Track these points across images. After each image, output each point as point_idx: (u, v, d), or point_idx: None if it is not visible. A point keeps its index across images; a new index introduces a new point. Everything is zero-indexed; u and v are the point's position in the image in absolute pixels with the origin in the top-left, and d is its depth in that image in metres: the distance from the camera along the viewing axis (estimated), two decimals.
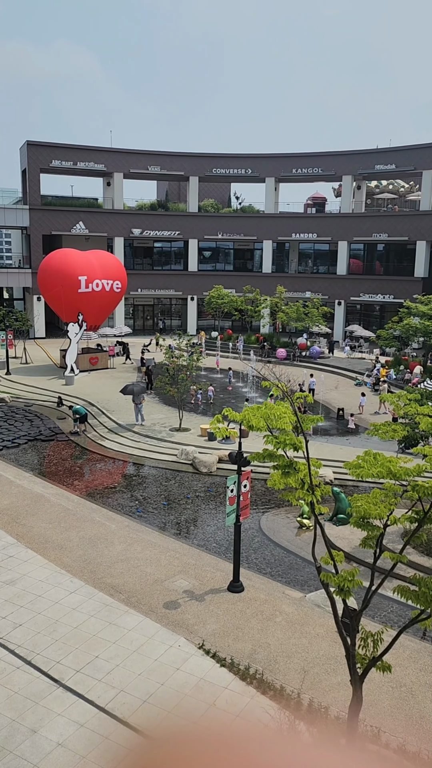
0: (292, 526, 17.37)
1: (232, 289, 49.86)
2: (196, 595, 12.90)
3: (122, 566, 14.06)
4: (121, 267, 39.98)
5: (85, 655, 10.95)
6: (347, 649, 8.02)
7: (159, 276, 52.98)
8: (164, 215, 53.04)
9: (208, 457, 21.95)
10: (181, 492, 19.81)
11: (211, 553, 15.44)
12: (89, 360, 37.48)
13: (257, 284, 49.22)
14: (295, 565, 15.13)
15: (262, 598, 12.96)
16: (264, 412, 8.72)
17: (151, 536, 16.00)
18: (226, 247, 56.02)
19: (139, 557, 14.52)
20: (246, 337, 46.47)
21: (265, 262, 52.92)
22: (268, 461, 8.72)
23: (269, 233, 52.02)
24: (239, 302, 46.68)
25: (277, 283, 47.92)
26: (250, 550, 15.74)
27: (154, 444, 23.97)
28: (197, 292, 52.54)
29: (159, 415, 27.85)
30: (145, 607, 12.42)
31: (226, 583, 13.39)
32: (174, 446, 23.52)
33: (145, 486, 20.45)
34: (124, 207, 53.74)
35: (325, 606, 12.67)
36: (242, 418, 8.82)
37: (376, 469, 7.77)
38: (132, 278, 49.28)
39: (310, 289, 50.13)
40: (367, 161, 49.85)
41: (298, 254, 54.90)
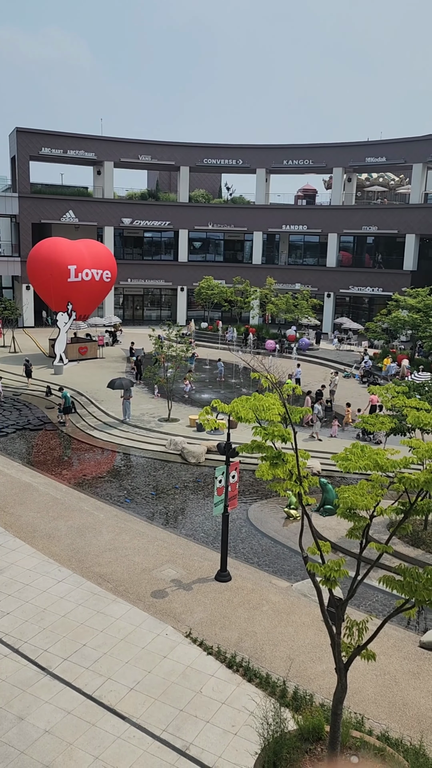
0: (279, 516, 17.45)
1: (222, 280, 49.69)
2: (183, 585, 12.94)
3: (110, 555, 14.06)
4: (111, 256, 39.66)
5: (73, 643, 10.97)
6: (332, 638, 8.09)
7: (149, 266, 52.67)
8: (154, 205, 52.64)
9: (197, 448, 21.95)
10: (170, 482, 19.82)
11: (199, 542, 15.49)
12: (78, 349, 37.27)
13: (247, 275, 49.10)
14: (282, 555, 15.21)
15: (249, 588, 13.03)
16: (252, 404, 8.71)
17: (140, 526, 16.01)
18: (216, 237, 55.78)
19: (127, 546, 14.53)
20: (236, 328, 46.43)
21: (255, 253, 52.77)
22: (256, 452, 8.72)
23: (260, 224, 51.86)
24: (229, 293, 46.55)
25: (267, 274, 47.83)
26: (237, 540, 15.80)
27: (143, 434, 23.91)
28: (187, 282, 52.32)
29: (148, 405, 27.78)
30: (133, 596, 12.45)
31: (214, 573, 13.45)
32: (163, 436, 23.49)
33: (133, 476, 20.43)
34: (114, 196, 53.24)
35: (312, 595, 12.77)
36: (231, 410, 8.81)
37: (363, 462, 7.80)
38: (122, 268, 48.96)
39: (300, 281, 50.11)
40: (357, 154, 49.76)
41: (288, 246, 54.80)
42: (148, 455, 22.26)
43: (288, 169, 52.56)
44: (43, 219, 48.81)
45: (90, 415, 26.34)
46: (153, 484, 19.70)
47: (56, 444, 23.31)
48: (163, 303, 56.44)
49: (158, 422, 25.04)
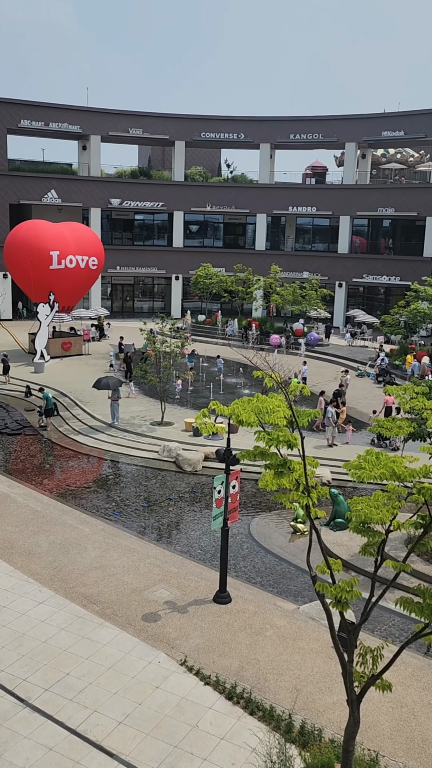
0: (285, 531, 17.48)
1: (222, 268, 49.73)
2: (178, 607, 12.96)
3: (97, 574, 14.08)
4: (97, 241, 39.68)
5: (55, 672, 10.98)
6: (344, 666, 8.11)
7: (140, 252, 52.71)
8: (146, 184, 52.67)
9: (193, 455, 21.98)
10: (163, 493, 19.85)
11: (196, 560, 15.52)
12: (61, 345, 37.29)
13: (249, 263, 49.15)
14: (287, 573, 15.24)
15: (251, 610, 13.06)
16: (255, 406, 8.74)
17: (129, 541, 16.03)
18: (215, 220, 55.80)
19: (115, 564, 14.55)
20: (237, 321, 46.47)
21: (258, 238, 52.82)
22: (259, 460, 8.74)
23: (263, 206, 51.91)
24: (229, 282, 46.56)
25: (272, 261, 47.87)
26: (238, 558, 15.83)
27: (133, 439, 23.95)
28: (182, 270, 52.36)
29: (138, 407, 27.79)
30: (122, 620, 12.47)
31: (212, 594, 13.47)
32: (155, 442, 23.52)
33: (122, 486, 20.46)
34: (101, 174, 53.24)
35: (321, 619, 12.80)
36: (231, 412, 8.83)
37: (378, 470, 7.82)
38: (110, 254, 48.87)
39: (308, 269, 50.16)
40: (372, 127, 49.81)
41: (295, 230, 54.85)
42: (138, 463, 22.28)
43: (295, 144, 52.59)
44: (22, 199, 48.83)
45: (74, 418, 26.35)
46: (144, 494, 19.72)
47: (37, 450, 23.32)
48: (156, 293, 56.43)
49: (150, 426, 25.09)
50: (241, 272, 47.07)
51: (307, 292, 42.71)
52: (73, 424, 25.72)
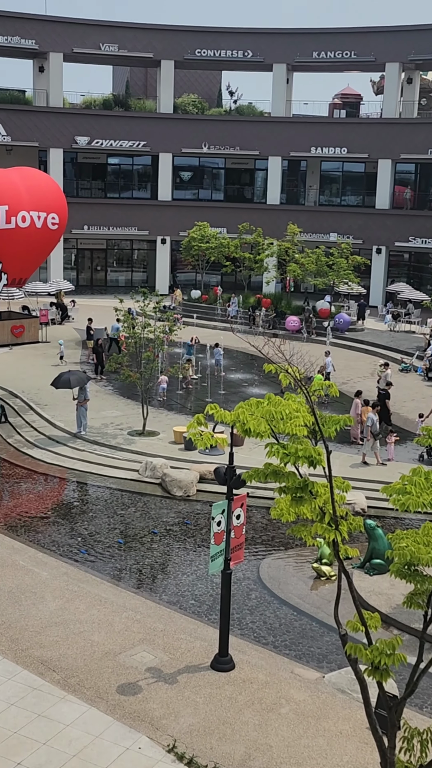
0: (305, 575, 17.49)
1: (222, 228, 49.79)
2: (165, 675, 12.95)
3: (58, 632, 14.07)
4: (58, 193, 39.68)
5: (3, 761, 10.96)
6: (383, 754, 8.11)
7: (115, 207, 52.74)
8: (124, 117, 52.68)
9: (185, 475, 22.00)
10: (145, 525, 19.86)
11: (188, 614, 15.50)
12: (11, 329, 37.29)
13: (259, 221, 49.17)
14: (309, 631, 15.24)
15: (260, 680, 13.05)
16: (267, 410, 8.73)
17: (101, 589, 16.02)
18: (213, 165, 55.84)
19: (82, 619, 14.54)
20: (242, 299, 46.52)
21: (270, 189, 52.85)
22: (271, 481, 8.73)
23: (278, 146, 51.95)
24: (232, 247, 46.59)
25: (289, 220, 47.86)
26: (244, 610, 15.83)
27: (106, 454, 23.96)
28: (171, 231, 52.38)
29: (113, 411, 27.78)
30: (91, 692, 12.46)
31: (209, 658, 13.46)
32: (135, 458, 23.53)
33: (91, 515, 20.46)
34: (64, 104, 53.23)
35: (352, 691, 12.79)
36: (234, 419, 8.81)
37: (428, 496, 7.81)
38: (75, 210, 48.85)
39: (337, 230, 50.22)
40: (421, 42, 49.78)
41: (319, 178, 54.90)
42: (113, 485, 22.29)
43: (319, 64, 52.58)
44: None
45: (28, 426, 26.37)
46: (120, 527, 19.71)
47: None
48: (136, 262, 56.46)
49: (128, 436, 25.09)
50: (248, 234, 47.08)
51: (335, 260, 42.76)
52: (26, 434, 25.72)
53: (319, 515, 8.43)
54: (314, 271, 42.97)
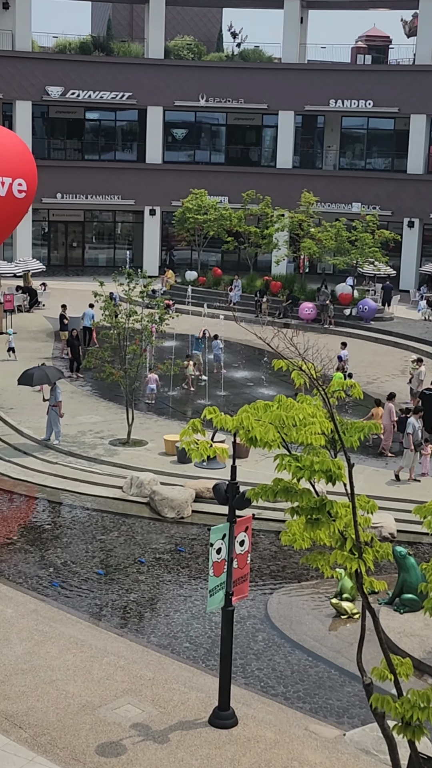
0: (322, 613, 17.46)
1: (224, 197, 49.78)
2: (154, 733, 12.93)
3: (25, 681, 14.04)
4: (26, 155, 39.49)
5: None
6: None
7: (94, 172, 52.65)
8: (104, 63, 52.60)
9: (178, 492, 21.98)
10: (130, 552, 19.85)
11: (181, 659, 15.44)
12: None
13: (267, 188, 49.11)
14: (326, 680, 15.20)
15: (269, 738, 13.03)
16: (276, 415, 8.73)
17: (77, 629, 15.99)
18: (212, 122, 55.80)
19: (54, 666, 14.51)
20: (247, 281, 46.47)
21: (281, 150, 52.80)
22: (282, 500, 8.72)
23: (290, 99, 51.93)
24: (235, 220, 46.50)
25: (303, 187, 47.87)
26: (249, 655, 15.79)
27: (84, 467, 23.97)
28: (161, 201, 52.35)
29: (92, 416, 27.77)
30: (65, 753, 12.44)
31: (207, 712, 13.44)
32: (118, 472, 23.52)
33: (66, 540, 20.43)
34: (33, 48, 53.13)
35: (379, 752, 12.77)
36: (237, 425, 8.80)
37: None
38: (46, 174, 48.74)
39: (361, 199, 50.21)
40: None
41: (339, 137, 54.87)
42: (91, 504, 22.27)
43: (339, 0, 52.51)
44: None
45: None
46: (100, 555, 19.69)
47: None
48: (120, 237, 56.43)
49: (110, 446, 25.07)
50: (254, 204, 47.03)
51: (358, 235, 42.71)
52: None
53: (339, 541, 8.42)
54: (333, 249, 42.92)
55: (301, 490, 8.64)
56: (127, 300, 26.96)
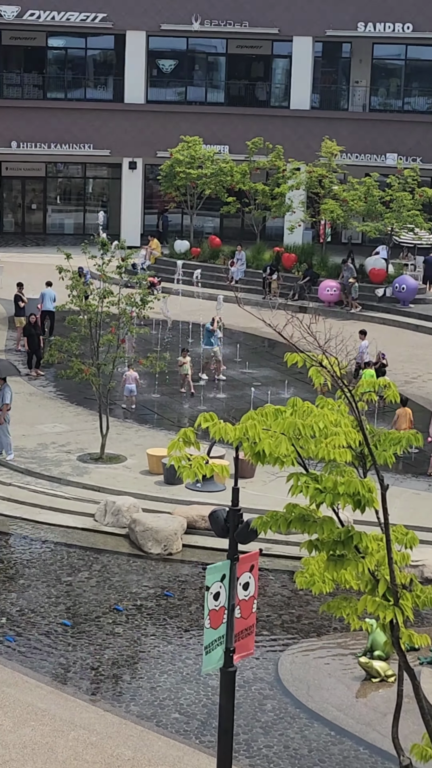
0: (348, 674, 17.43)
1: (223, 146, 49.75)
2: None
3: None
4: None
5: None
6: None
7: (60, 114, 52.51)
8: None
9: (165, 522, 21.96)
10: (104, 597, 19.83)
11: (170, 733, 15.43)
12: None
13: (279, 136, 49.07)
14: (353, 760, 15.19)
15: None
16: (290, 423, 8.72)
17: (36, 695, 15.97)
18: (209, 50, 55.74)
19: (8, 742, 14.50)
20: (252, 252, 46.35)
21: (296, 86, 52.73)
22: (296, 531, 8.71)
23: (307, 21, 51.86)
24: (237, 176, 46.39)
25: (324, 134, 47.82)
26: (256, 728, 15.79)
27: (45, 489, 23.98)
28: (144, 151, 52.26)
29: (56, 425, 27.78)
30: None
31: None
32: (89, 495, 23.57)
33: (22, 584, 20.40)
34: None
35: None
36: (240, 436, 8.79)
37: None
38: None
39: (397, 149, 50.14)
40: None
41: (370, 70, 54.78)
42: (55, 537, 22.28)
43: None
44: None
45: None
46: (66, 601, 19.67)
47: None
48: (91, 197, 56.38)
49: (79, 463, 25.09)
50: (262, 155, 46.94)
51: (394, 194, 42.63)
52: None
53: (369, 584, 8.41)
54: (362, 212, 42.87)
55: (322, 519, 8.62)
56: (101, 277, 26.92)
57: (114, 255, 27.43)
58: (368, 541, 8.48)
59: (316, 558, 8.71)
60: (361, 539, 8.49)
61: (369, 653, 17.41)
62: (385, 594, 8.32)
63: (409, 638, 8.61)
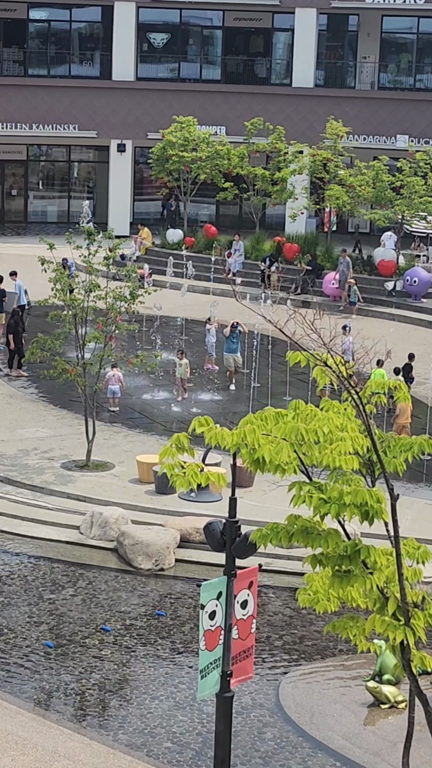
0: (354, 700, 17.44)
1: (219, 127, 49.76)
2: None
3: None
4: None
5: None
6: None
7: (42, 92, 52.55)
8: None
9: (156, 535, 21.96)
10: (89, 616, 19.83)
11: (161, 763, 15.42)
12: None
13: (280, 116, 49.09)
14: None
15: None
16: (292, 427, 8.72)
17: (16, 723, 15.96)
18: (204, 23, 55.77)
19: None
20: (251, 242, 46.31)
21: (298, 62, 52.70)
22: (298, 545, 8.72)
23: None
24: (235, 159, 46.36)
25: (329, 114, 47.86)
26: (254, 758, 15.78)
27: (26, 499, 24.02)
28: (134, 132, 52.27)
29: (38, 429, 27.83)
30: None
31: None
32: (74, 506, 23.60)
33: (1, 602, 20.33)
34: None
35: None
36: (237, 442, 8.79)
37: None
38: None
39: (409, 131, 50.16)
40: None
41: (379, 44, 54.80)
42: (35, 551, 22.28)
43: None
44: None
45: None
46: (49, 621, 19.66)
47: None
48: (76, 182, 56.36)
49: (63, 471, 25.13)
50: (261, 137, 46.93)
51: (405, 179, 42.64)
52: None
53: (378, 602, 8.42)
54: (371, 199, 42.87)
55: (326, 532, 8.63)
56: (87, 269, 26.92)
57: (101, 245, 27.45)
58: (377, 556, 8.48)
59: (321, 574, 8.71)
60: (369, 553, 8.49)
61: (378, 677, 17.42)
62: (395, 613, 8.32)
63: (421, 661, 8.62)
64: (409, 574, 8.54)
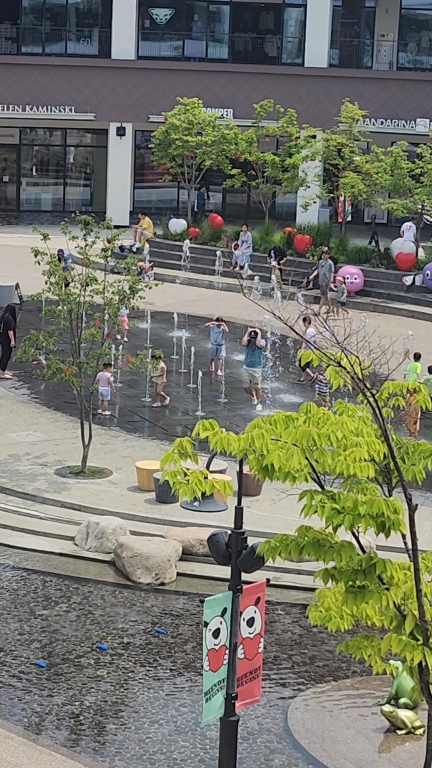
0: (368, 725, 17.43)
1: (226, 110, 49.78)
2: None
3: None
4: None
5: None
6: None
7: (36, 71, 52.59)
8: None
9: (156, 547, 21.98)
10: (85, 634, 19.84)
11: None
12: None
13: (291, 98, 49.14)
14: None
15: None
16: (303, 432, 8.72)
17: (6, 748, 15.89)
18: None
19: None
20: (260, 233, 46.30)
21: (311, 40, 52.73)
22: (309, 558, 8.72)
23: None
24: (243, 144, 46.36)
25: (344, 96, 47.89)
26: None
27: (17, 506, 24.06)
28: (134, 114, 52.30)
29: (30, 433, 27.88)
30: None
31: None
32: (69, 515, 23.63)
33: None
34: None
35: None
36: (244, 447, 8.80)
37: None
38: None
39: (429, 115, 50.17)
40: None
41: (398, 21, 54.82)
42: (28, 563, 22.30)
43: None
44: None
45: None
46: (41, 638, 19.66)
47: None
48: (73, 168, 56.39)
49: (57, 478, 25.16)
50: (271, 120, 46.92)
51: (425, 166, 42.62)
52: None
53: (394, 620, 8.42)
54: (390, 186, 42.86)
55: (340, 545, 8.63)
56: (83, 261, 26.91)
57: (99, 236, 27.44)
58: (393, 571, 8.48)
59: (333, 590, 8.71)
60: (385, 568, 8.48)
61: (394, 701, 17.40)
62: (412, 632, 8.32)
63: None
64: (428, 590, 8.54)
